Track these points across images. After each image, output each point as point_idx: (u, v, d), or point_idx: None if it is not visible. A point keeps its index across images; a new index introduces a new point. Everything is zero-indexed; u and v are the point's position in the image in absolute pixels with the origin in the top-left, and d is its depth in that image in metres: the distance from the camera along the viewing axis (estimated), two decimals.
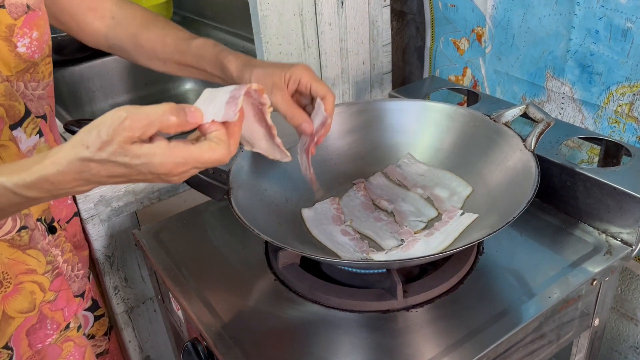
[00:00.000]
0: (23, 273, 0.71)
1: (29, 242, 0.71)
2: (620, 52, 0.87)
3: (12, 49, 0.66)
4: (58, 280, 0.76)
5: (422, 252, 0.74)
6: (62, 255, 0.78)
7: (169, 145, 0.50)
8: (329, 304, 0.72)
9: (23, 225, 0.70)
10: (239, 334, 0.69)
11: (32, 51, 0.68)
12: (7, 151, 0.68)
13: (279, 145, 0.70)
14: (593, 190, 0.80)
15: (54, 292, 0.75)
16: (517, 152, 0.79)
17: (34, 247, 0.72)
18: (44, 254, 0.73)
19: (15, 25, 0.65)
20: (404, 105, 0.94)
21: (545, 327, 0.74)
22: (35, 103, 0.73)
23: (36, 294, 0.73)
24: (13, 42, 0.65)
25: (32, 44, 0.67)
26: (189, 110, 0.50)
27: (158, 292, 0.93)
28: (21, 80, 0.69)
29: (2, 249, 0.68)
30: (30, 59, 0.68)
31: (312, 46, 1.06)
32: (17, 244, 0.70)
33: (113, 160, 0.48)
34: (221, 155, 0.51)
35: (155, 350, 1.14)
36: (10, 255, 0.69)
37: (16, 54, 0.66)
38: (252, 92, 0.60)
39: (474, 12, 1.08)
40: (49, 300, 0.75)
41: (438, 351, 0.65)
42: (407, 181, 0.89)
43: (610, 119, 0.93)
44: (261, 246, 0.83)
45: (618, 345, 1.04)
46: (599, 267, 0.75)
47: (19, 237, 0.70)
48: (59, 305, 0.76)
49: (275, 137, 0.69)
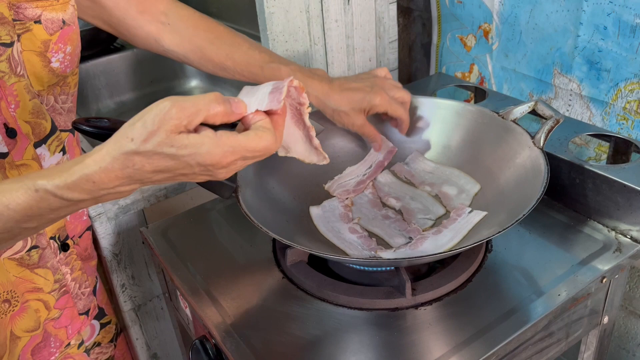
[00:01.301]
0: (29, 291, 0.71)
1: (38, 261, 0.71)
2: (628, 48, 0.86)
3: (46, 64, 0.65)
4: (64, 299, 0.76)
5: (431, 250, 0.73)
6: (71, 273, 0.78)
7: (216, 135, 0.48)
8: (337, 302, 0.72)
9: (34, 244, 0.69)
10: (247, 331, 0.69)
11: (65, 66, 0.68)
12: (28, 170, 0.67)
13: (317, 147, 0.65)
14: (602, 188, 0.79)
15: (58, 310, 0.75)
16: (526, 149, 0.78)
17: (43, 266, 0.72)
18: (53, 272, 0.73)
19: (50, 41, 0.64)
20: (411, 102, 0.93)
21: (554, 325, 0.73)
22: (65, 116, 0.72)
23: (40, 312, 0.73)
24: (47, 57, 0.65)
25: (65, 58, 0.67)
26: (233, 100, 0.49)
27: (165, 290, 0.93)
28: (51, 94, 0.68)
29: (10, 267, 0.68)
30: (63, 73, 0.68)
31: (319, 43, 1.06)
32: (26, 263, 0.70)
33: (159, 152, 0.47)
34: (268, 143, 0.50)
35: (162, 348, 1.14)
36: (18, 274, 0.69)
37: (50, 69, 0.66)
38: (292, 90, 0.58)
39: (480, 8, 1.08)
40: (53, 317, 0.75)
41: (447, 349, 0.65)
42: (415, 179, 0.89)
43: (618, 116, 0.92)
44: (269, 244, 0.83)
45: (626, 343, 1.04)
46: (609, 265, 0.75)
47: (29, 257, 0.69)
48: (63, 323, 0.76)
49: (313, 138, 0.64)
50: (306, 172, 0.87)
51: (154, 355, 1.14)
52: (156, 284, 1.07)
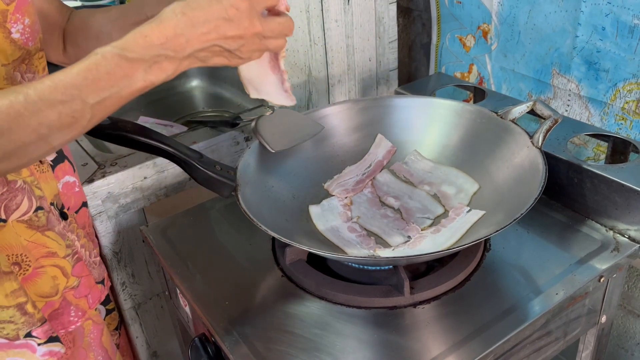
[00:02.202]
0: (44, 256, 0.71)
1: (46, 223, 0.71)
2: (627, 48, 0.86)
3: (6, 35, 0.65)
4: (79, 266, 0.76)
5: (429, 249, 0.74)
6: (78, 240, 0.78)
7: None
8: (336, 300, 0.72)
9: (39, 206, 0.70)
10: (247, 329, 0.70)
11: (26, 38, 0.68)
12: None
13: (287, 91, 0.71)
14: (601, 187, 0.80)
15: (76, 278, 0.75)
16: (525, 149, 0.78)
17: (52, 230, 0.72)
18: (62, 238, 0.73)
19: (7, 11, 0.64)
20: (410, 102, 0.94)
21: (552, 324, 0.74)
22: None
23: (59, 279, 0.73)
24: (7, 27, 0.65)
25: (25, 30, 0.67)
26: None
27: (165, 288, 0.93)
28: (17, 70, 0.69)
29: (20, 230, 0.68)
30: (25, 46, 0.68)
31: (319, 43, 1.07)
32: (36, 225, 0.69)
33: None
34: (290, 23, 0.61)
35: (162, 346, 1.15)
36: (30, 238, 0.69)
37: (11, 40, 0.66)
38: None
39: (479, 8, 1.08)
40: (73, 286, 0.75)
41: (445, 348, 0.65)
42: (414, 178, 0.89)
43: (617, 116, 0.93)
44: (268, 243, 0.83)
45: (625, 342, 1.04)
46: (606, 264, 0.75)
47: (37, 218, 0.69)
48: (83, 292, 0.76)
49: (285, 82, 0.70)
50: (305, 171, 0.88)
51: (154, 353, 1.14)
52: (156, 283, 1.07)
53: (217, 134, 1.04)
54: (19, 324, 0.66)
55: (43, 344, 0.68)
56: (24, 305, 0.66)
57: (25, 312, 0.67)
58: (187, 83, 1.56)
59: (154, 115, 1.30)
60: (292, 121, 0.89)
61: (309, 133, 0.89)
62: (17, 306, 0.66)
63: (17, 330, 0.66)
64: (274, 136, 0.84)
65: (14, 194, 0.65)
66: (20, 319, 0.66)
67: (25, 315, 0.67)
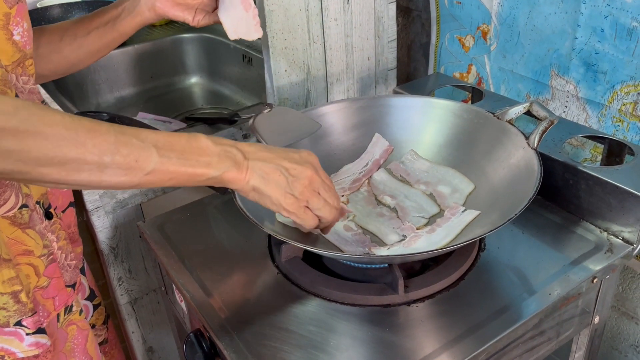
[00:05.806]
0: (21, 254, 0.71)
1: (28, 221, 0.71)
2: (625, 51, 0.87)
3: (9, 37, 0.66)
4: (52, 267, 0.76)
5: (424, 248, 0.74)
6: (57, 241, 0.78)
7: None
8: (331, 298, 0.73)
9: (24, 203, 0.70)
10: (242, 326, 0.70)
11: (24, 41, 0.68)
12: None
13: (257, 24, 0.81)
14: (595, 189, 0.80)
15: (47, 278, 0.75)
16: (520, 150, 0.79)
17: (32, 228, 0.72)
18: (41, 237, 0.74)
19: (10, 14, 0.65)
20: (408, 102, 0.94)
21: (545, 324, 0.74)
22: (26, 96, 0.73)
23: (30, 278, 0.73)
24: (10, 29, 0.66)
25: (24, 33, 0.68)
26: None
27: (161, 284, 0.94)
28: (14, 72, 0.69)
29: (3, 226, 0.68)
30: (24, 48, 0.69)
31: (318, 41, 1.07)
32: (18, 222, 0.70)
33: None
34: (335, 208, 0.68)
35: (158, 342, 1.15)
36: (11, 234, 0.69)
37: (13, 42, 0.67)
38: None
39: (479, 9, 1.09)
40: (42, 286, 0.75)
41: (438, 346, 0.65)
42: (410, 177, 0.89)
43: (614, 118, 0.93)
44: (264, 239, 0.84)
45: (618, 343, 1.04)
46: (600, 265, 0.75)
47: (20, 215, 0.70)
48: (51, 293, 0.76)
49: (256, 17, 0.80)
50: None
51: (150, 348, 1.15)
52: (152, 278, 1.07)
53: (215, 131, 1.04)
54: (11, 311, 0.67)
55: (31, 334, 0.69)
56: (18, 294, 0.67)
57: (19, 301, 0.67)
58: (186, 80, 1.56)
59: (153, 111, 1.31)
60: (290, 119, 0.89)
61: (307, 131, 0.89)
62: (12, 294, 0.66)
63: (9, 318, 0.67)
64: (272, 133, 0.84)
65: (3, 189, 0.65)
66: (13, 307, 0.67)
67: (19, 303, 0.67)
